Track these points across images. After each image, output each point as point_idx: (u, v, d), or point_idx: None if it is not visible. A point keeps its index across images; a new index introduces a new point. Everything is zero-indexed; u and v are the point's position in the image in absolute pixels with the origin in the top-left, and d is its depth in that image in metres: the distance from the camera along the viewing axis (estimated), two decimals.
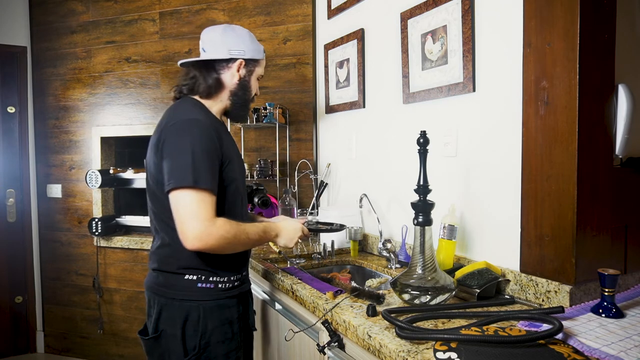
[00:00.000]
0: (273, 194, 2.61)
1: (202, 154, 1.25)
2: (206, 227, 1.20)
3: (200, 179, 1.22)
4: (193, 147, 1.24)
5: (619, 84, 1.31)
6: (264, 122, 2.57)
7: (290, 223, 1.52)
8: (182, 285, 1.34)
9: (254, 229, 1.35)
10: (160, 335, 1.35)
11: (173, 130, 1.28)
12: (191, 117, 1.31)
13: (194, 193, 1.21)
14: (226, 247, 1.26)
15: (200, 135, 1.26)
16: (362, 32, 2.20)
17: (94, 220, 2.94)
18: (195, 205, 1.21)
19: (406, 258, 1.84)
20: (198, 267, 1.34)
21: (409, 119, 1.90)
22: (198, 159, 1.23)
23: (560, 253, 1.26)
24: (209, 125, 1.31)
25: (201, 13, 2.86)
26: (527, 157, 1.35)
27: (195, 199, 1.21)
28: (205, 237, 1.20)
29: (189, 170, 1.22)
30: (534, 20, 1.32)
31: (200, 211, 1.21)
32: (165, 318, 1.34)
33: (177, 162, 1.24)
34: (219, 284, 1.37)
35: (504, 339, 0.95)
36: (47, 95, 3.24)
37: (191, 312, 1.33)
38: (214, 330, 1.35)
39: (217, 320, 1.36)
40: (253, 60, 1.49)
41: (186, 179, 1.21)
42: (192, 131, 1.27)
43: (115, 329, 3.10)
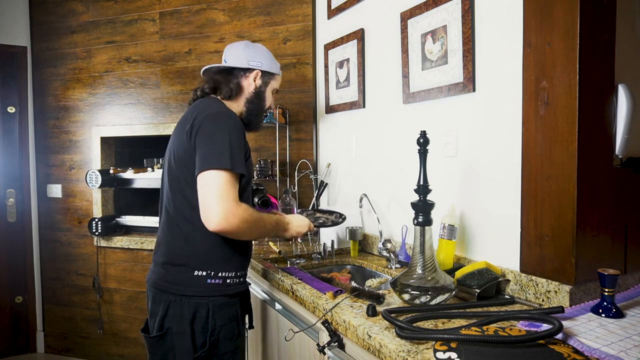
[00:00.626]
0: (273, 194, 2.61)
1: (237, 142, 1.32)
2: (233, 208, 1.25)
3: (236, 163, 1.29)
4: (230, 134, 1.32)
5: (619, 84, 1.31)
6: (264, 122, 2.57)
7: (299, 219, 1.62)
8: (192, 282, 1.36)
9: (269, 218, 1.44)
10: (166, 333, 1.36)
11: (209, 118, 1.35)
12: (224, 109, 1.40)
13: (228, 175, 1.27)
14: (246, 231, 1.30)
15: (235, 125, 1.35)
16: (362, 32, 2.20)
17: (94, 220, 2.94)
18: (228, 187, 1.26)
19: (406, 258, 1.84)
20: (208, 262, 1.37)
21: (409, 119, 1.90)
22: (235, 145, 1.31)
23: (560, 253, 1.26)
24: (239, 119, 1.42)
25: (201, 13, 2.86)
26: (527, 157, 1.35)
27: (229, 181, 1.27)
28: (231, 217, 1.25)
29: (227, 153, 1.28)
30: (534, 20, 1.32)
31: (231, 192, 1.27)
32: (173, 315, 1.35)
33: (215, 145, 1.29)
34: (227, 279, 1.40)
35: (504, 339, 0.95)
36: (47, 95, 3.24)
37: (200, 308, 1.35)
38: (222, 327, 1.37)
39: (225, 317, 1.38)
40: (269, 73, 1.60)
41: (224, 161, 1.27)
42: (228, 121, 1.35)
43: (115, 329, 3.10)
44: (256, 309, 1.96)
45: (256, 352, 1.99)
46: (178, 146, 1.39)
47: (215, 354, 1.36)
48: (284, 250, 2.05)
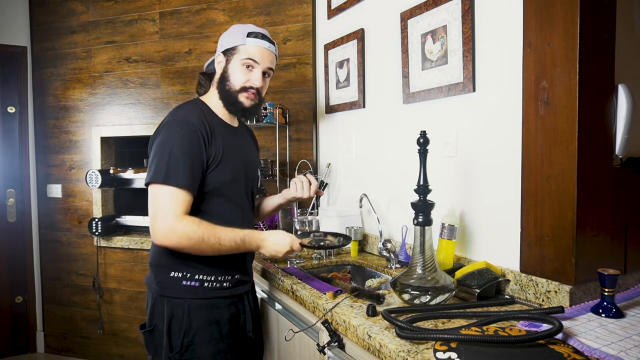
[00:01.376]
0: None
1: (180, 152, 1.27)
2: (170, 224, 1.22)
3: (173, 176, 1.25)
4: (172, 145, 1.28)
5: (619, 84, 1.31)
6: (264, 122, 2.57)
7: (278, 237, 1.40)
8: (168, 282, 1.37)
9: (230, 235, 1.30)
10: (154, 329, 1.38)
11: (162, 129, 1.33)
12: (181, 117, 1.34)
13: (165, 189, 1.24)
14: (190, 247, 1.25)
15: (182, 134, 1.29)
16: (362, 32, 2.20)
17: (94, 220, 2.94)
18: (165, 202, 1.24)
19: (406, 258, 1.84)
20: (183, 264, 1.36)
21: (409, 119, 1.90)
22: (174, 157, 1.26)
23: (560, 253, 1.26)
24: (198, 126, 1.32)
25: (201, 13, 2.86)
26: (527, 157, 1.35)
27: (166, 196, 1.24)
28: (169, 234, 1.22)
29: (164, 167, 1.25)
30: (533, 20, 1.32)
31: (169, 207, 1.23)
32: (156, 313, 1.38)
33: (156, 158, 1.28)
34: (205, 282, 1.38)
35: (504, 339, 0.94)
36: (47, 95, 3.24)
37: (176, 309, 1.35)
38: (199, 330, 1.35)
39: (203, 319, 1.36)
40: (230, 49, 1.43)
41: (159, 175, 1.25)
42: (176, 130, 1.30)
43: (115, 329, 3.10)
44: None
45: None
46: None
47: (191, 356, 1.34)
48: None
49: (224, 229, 1.30)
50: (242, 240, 1.33)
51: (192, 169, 1.28)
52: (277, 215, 2.46)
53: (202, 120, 1.36)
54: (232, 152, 1.41)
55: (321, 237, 1.67)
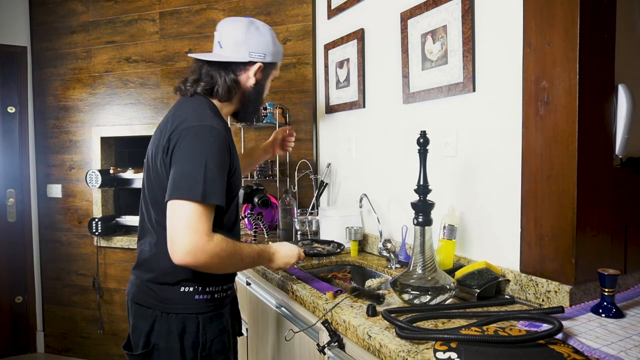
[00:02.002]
0: (273, 194, 2.61)
1: (215, 166, 1.16)
2: (203, 243, 1.11)
3: (211, 192, 1.14)
4: (206, 158, 1.15)
5: (619, 84, 1.31)
6: (264, 122, 2.57)
7: (287, 249, 1.42)
8: (179, 298, 1.26)
9: (249, 251, 1.27)
10: (152, 349, 1.26)
11: (187, 135, 1.18)
12: (207, 123, 1.21)
13: (198, 207, 1.12)
14: (217, 266, 1.17)
15: (214, 145, 1.17)
16: (362, 32, 2.20)
17: (94, 220, 2.94)
18: (197, 219, 1.12)
19: (406, 258, 1.84)
20: (194, 278, 1.27)
21: (409, 119, 1.90)
22: (211, 171, 1.15)
23: (560, 253, 1.26)
24: (223, 134, 1.22)
25: (201, 13, 2.86)
26: (527, 157, 1.35)
27: (199, 213, 1.12)
28: (199, 253, 1.11)
29: (200, 181, 1.13)
30: (534, 20, 1.32)
31: (200, 225, 1.12)
32: (159, 331, 1.25)
33: (188, 171, 1.14)
34: (215, 293, 1.32)
35: (504, 339, 0.95)
36: (47, 95, 3.24)
37: (189, 323, 1.26)
38: (213, 341, 1.30)
39: (216, 330, 1.31)
40: (272, 63, 1.40)
41: (195, 192, 1.12)
42: (208, 140, 1.17)
43: (115, 329, 3.10)
44: (256, 309, 1.96)
45: (256, 352, 1.99)
46: (155, 157, 1.27)
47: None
48: None
49: (245, 246, 1.26)
50: (258, 255, 1.32)
51: (224, 184, 1.19)
52: (277, 215, 2.46)
53: (224, 127, 1.27)
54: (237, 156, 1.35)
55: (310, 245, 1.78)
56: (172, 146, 1.19)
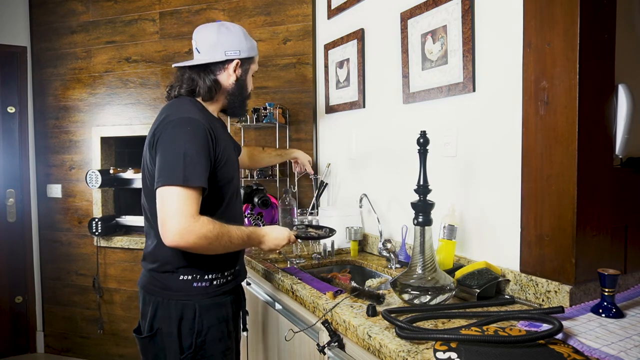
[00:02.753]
0: (273, 194, 2.61)
1: (195, 152, 1.25)
2: (189, 224, 1.19)
3: (191, 176, 1.22)
4: (186, 145, 1.24)
5: (619, 84, 1.31)
6: (264, 122, 2.57)
7: (277, 231, 1.47)
8: (178, 286, 1.35)
9: (238, 232, 1.32)
10: (156, 334, 1.36)
11: (168, 127, 1.28)
12: (186, 115, 1.31)
13: (182, 190, 1.21)
14: (206, 247, 1.23)
15: (194, 133, 1.26)
16: (362, 32, 2.20)
17: (94, 220, 2.94)
18: (182, 202, 1.20)
19: (406, 258, 1.84)
20: (192, 266, 1.35)
21: (409, 119, 1.90)
22: (190, 157, 1.23)
23: (560, 253, 1.26)
24: (205, 124, 1.30)
25: (201, 13, 2.86)
26: (527, 157, 1.35)
27: (183, 196, 1.20)
28: (186, 234, 1.19)
29: (180, 167, 1.21)
30: (534, 20, 1.32)
31: (185, 208, 1.20)
32: (161, 316, 1.35)
33: (169, 159, 1.23)
34: (214, 281, 1.39)
35: (504, 339, 0.95)
36: (47, 95, 3.24)
37: (186, 310, 1.34)
38: (210, 328, 1.36)
39: (213, 318, 1.37)
40: (248, 58, 1.48)
41: (176, 177, 1.20)
42: (186, 129, 1.27)
43: (115, 329, 3.10)
44: (256, 309, 1.96)
45: (256, 352, 1.99)
46: (146, 158, 1.36)
47: (202, 355, 1.35)
48: (284, 251, 2.05)
49: (233, 227, 1.30)
50: (248, 237, 1.36)
51: (206, 168, 1.27)
52: (277, 215, 2.46)
53: (207, 119, 1.35)
54: (230, 148, 1.43)
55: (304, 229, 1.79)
56: (156, 140, 1.29)
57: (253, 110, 2.62)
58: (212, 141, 1.31)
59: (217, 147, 1.33)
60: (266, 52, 2.73)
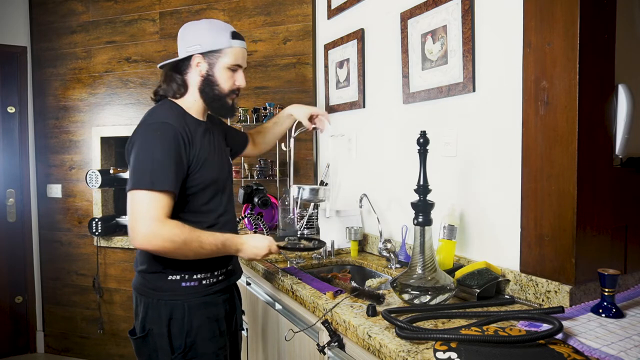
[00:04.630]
0: (273, 194, 2.61)
1: (163, 156, 1.26)
2: (155, 228, 1.20)
3: (158, 180, 1.23)
4: (154, 149, 1.26)
5: (619, 84, 1.31)
6: (264, 122, 2.57)
7: (256, 240, 1.42)
8: (167, 286, 1.36)
9: (211, 239, 1.31)
10: (148, 334, 1.36)
11: (141, 132, 1.32)
12: (159, 120, 1.33)
13: (149, 194, 1.22)
14: (173, 251, 1.24)
15: (162, 137, 1.28)
16: (362, 32, 2.20)
17: (94, 220, 2.94)
18: (149, 206, 1.22)
19: (406, 258, 1.84)
20: (180, 266, 1.35)
21: (409, 119, 1.90)
22: (158, 161, 1.25)
23: (560, 253, 1.26)
24: (177, 128, 1.31)
25: (201, 13, 2.86)
26: (527, 157, 1.35)
27: (150, 200, 1.22)
28: (151, 238, 1.21)
29: (148, 171, 1.24)
30: (533, 20, 1.32)
31: (153, 211, 1.22)
32: (152, 317, 1.36)
33: (138, 163, 1.26)
34: (203, 280, 1.39)
35: (504, 339, 0.95)
36: (47, 95, 3.24)
37: (176, 310, 1.35)
38: (200, 328, 1.37)
39: (203, 317, 1.38)
40: (213, 51, 1.40)
41: (144, 181, 1.23)
42: (156, 134, 1.29)
43: (115, 329, 3.10)
44: (256, 309, 1.96)
45: (256, 352, 1.99)
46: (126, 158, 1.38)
47: (193, 355, 1.36)
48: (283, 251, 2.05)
49: (205, 233, 1.30)
50: (222, 244, 1.34)
51: (176, 172, 1.28)
52: (277, 215, 2.46)
53: (182, 124, 1.35)
54: (211, 149, 1.43)
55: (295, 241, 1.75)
56: (130, 147, 1.32)
57: (253, 110, 2.62)
58: (185, 145, 1.31)
59: (191, 150, 1.33)
60: (266, 52, 2.73)
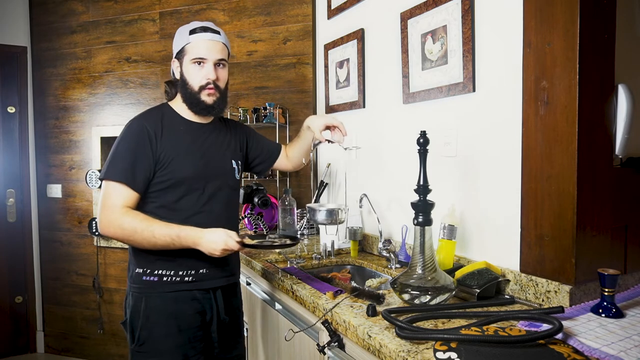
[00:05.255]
0: (273, 194, 2.61)
1: (124, 149, 1.37)
2: (109, 215, 1.32)
3: (114, 172, 1.35)
4: (119, 144, 1.39)
5: (619, 84, 1.31)
6: (264, 122, 2.58)
7: (213, 235, 1.34)
8: (134, 278, 1.44)
9: (165, 230, 1.32)
10: (126, 321, 1.46)
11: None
12: (134, 119, 1.44)
13: (108, 184, 1.35)
14: (126, 238, 1.33)
15: (129, 133, 1.40)
16: (362, 32, 2.20)
17: (94, 220, 2.94)
18: (108, 195, 1.35)
19: (406, 258, 1.84)
20: (145, 260, 1.42)
21: (409, 119, 1.90)
22: (118, 155, 1.37)
23: (560, 253, 1.26)
24: (147, 125, 1.40)
25: (201, 13, 2.86)
26: (527, 157, 1.35)
27: (109, 189, 1.35)
28: (105, 225, 1.33)
29: (108, 163, 1.37)
30: (533, 20, 1.32)
31: (109, 200, 1.34)
32: (125, 306, 1.48)
33: (108, 157, 1.40)
34: (163, 277, 1.42)
35: (504, 339, 0.95)
36: (47, 95, 3.24)
37: (137, 303, 1.42)
38: (156, 324, 1.40)
39: (160, 313, 1.40)
40: (179, 52, 1.46)
41: (104, 172, 1.36)
42: (125, 132, 1.41)
43: (115, 329, 3.10)
44: (256, 309, 1.96)
45: (256, 352, 1.99)
46: None
47: (150, 348, 1.40)
48: (283, 250, 2.05)
49: (160, 224, 1.34)
50: (177, 236, 1.33)
51: (133, 164, 1.36)
52: (277, 215, 2.46)
53: (156, 121, 1.43)
54: (194, 149, 1.46)
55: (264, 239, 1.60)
56: None
57: (253, 110, 2.62)
58: (150, 141, 1.39)
59: (158, 146, 1.39)
60: (266, 52, 2.73)
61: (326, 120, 1.65)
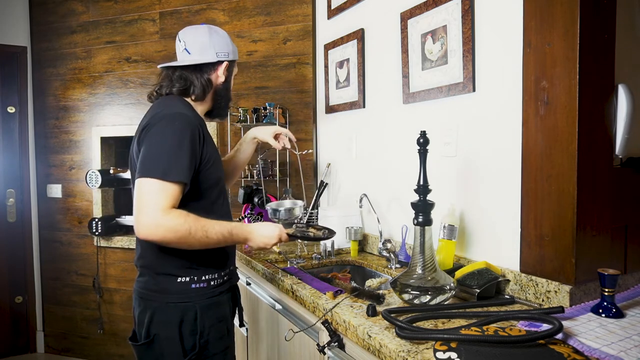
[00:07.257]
0: (273, 194, 2.61)
1: (179, 147, 1.24)
2: (159, 217, 1.17)
3: (170, 170, 1.21)
4: (171, 139, 1.24)
5: (619, 84, 1.31)
6: (263, 122, 2.57)
7: (266, 228, 1.40)
8: (176, 289, 1.33)
9: (217, 228, 1.28)
10: (153, 340, 1.32)
11: (157, 120, 1.27)
12: (177, 111, 1.31)
13: (159, 183, 1.19)
14: (176, 241, 1.21)
15: (181, 128, 1.26)
16: (362, 32, 2.20)
17: (94, 220, 2.94)
18: (156, 195, 1.18)
19: (406, 258, 1.84)
20: (188, 268, 1.34)
21: (409, 119, 1.90)
22: (173, 151, 1.23)
23: (560, 253, 1.26)
24: (194, 121, 1.31)
25: (201, 13, 2.86)
26: (527, 157, 1.35)
27: (158, 189, 1.19)
28: (154, 227, 1.17)
29: (162, 161, 1.21)
30: (533, 20, 1.32)
31: (159, 201, 1.18)
32: (159, 322, 1.32)
33: (152, 151, 1.23)
34: (211, 281, 1.39)
35: (504, 339, 0.95)
36: (47, 95, 3.24)
37: (187, 312, 1.32)
38: (211, 328, 1.36)
39: (213, 317, 1.37)
40: (233, 61, 1.51)
41: (155, 169, 1.20)
42: (174, 124, 1.26)
43: (115, 329, 3.10)
44: (256, 309, 1.96)
45: (256, 352, 1.99)
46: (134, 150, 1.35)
47: (205, 355, 1.35)
48: (284, 250, 2.05)
49: (211, 222, 1.27)
50: (229, 233, 1.31)
51: (190, 164, 1.25)
52: None
53: (198, 118, 1.37)
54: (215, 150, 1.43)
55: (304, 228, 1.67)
56: (144, 133, 1.28)
57: (253, 110, 2.62)
58: (200, 139, 1.30)
59: (205, 146, 1.33)
60: (266, 52, 2.73)
61: (274, 129, 1.73)
